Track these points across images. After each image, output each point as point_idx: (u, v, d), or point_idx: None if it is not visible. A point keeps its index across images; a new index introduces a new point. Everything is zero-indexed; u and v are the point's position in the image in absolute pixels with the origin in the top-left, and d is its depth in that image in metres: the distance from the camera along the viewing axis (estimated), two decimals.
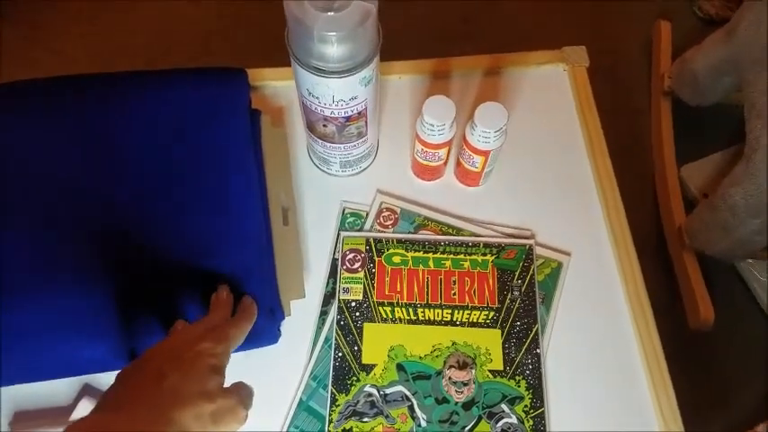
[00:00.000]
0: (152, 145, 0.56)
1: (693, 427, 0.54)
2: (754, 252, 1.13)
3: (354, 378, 0.56)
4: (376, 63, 0.52)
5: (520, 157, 0.66)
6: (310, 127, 0.59)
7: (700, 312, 1.12)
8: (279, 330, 0.56)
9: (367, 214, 0.64)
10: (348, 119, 0.55)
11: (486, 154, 0.58)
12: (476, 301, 0.59)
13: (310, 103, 0.54)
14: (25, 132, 0.56)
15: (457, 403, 0.55)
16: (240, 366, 0.55)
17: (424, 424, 0.54)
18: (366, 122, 0.57)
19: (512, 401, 0.55)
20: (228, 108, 0.58)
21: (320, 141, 0.59)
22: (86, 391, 0.55)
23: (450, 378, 0.56)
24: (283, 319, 0.56)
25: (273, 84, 0.69)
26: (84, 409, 0.52)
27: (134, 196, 0.55)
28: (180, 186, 0.55)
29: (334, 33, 0.46)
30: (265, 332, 0.54)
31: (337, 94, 0.52)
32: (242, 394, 0.43)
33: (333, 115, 0.54)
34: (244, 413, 0.42)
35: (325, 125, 0.56)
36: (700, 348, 1.16)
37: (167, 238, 0.54)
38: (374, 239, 0.62)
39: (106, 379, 0.55)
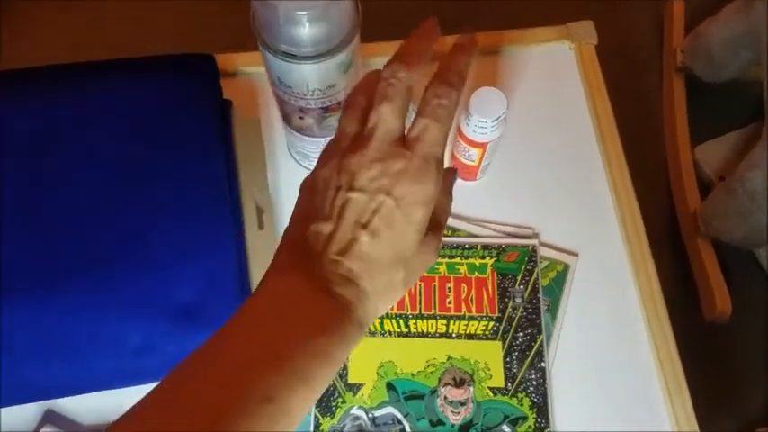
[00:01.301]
0: (106, 141, 0.50)
1: (708, 424, 0.49)
2: None
3: (340, 399, 0.50)
4: (356, 45, 0.45)
5: (522, 147, 0.60)
6: (286, 119, 0.53)
7: (716, 304, 1.05)
8: None
9: None
10: (326, 110, 0.49)
11: (482, 146, 0.52)
12: (473, 311, 0.53)
13: (283, 93, 0.47)
14: None
15: (453, 425, 0.50)
16: None
17: None
18: None
19: (514, 422, 0.50)
20: (193, 99, 0.52)
21: (298, 135, 0.53)
22: (48, 417, 0.50)
23: (445, 397, 0.51)
24: None
25: (248, 70, 0.63)
26: None
27: (86, 197, 0.49)
28: (137, 186, 0.49)
29: (305, 12, 0.40)
30: None
31: (312, 82, 0.45)
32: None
33: (309, 106, 0.48)
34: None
35: (301, 117, 0.50)
36: (716, 341, 1.10)
37: (123, 244, 0.48)
38: None
39: (69, 404, 0.50)
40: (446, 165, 0.59)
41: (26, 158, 0.51)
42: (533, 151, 0.60)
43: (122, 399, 0.51)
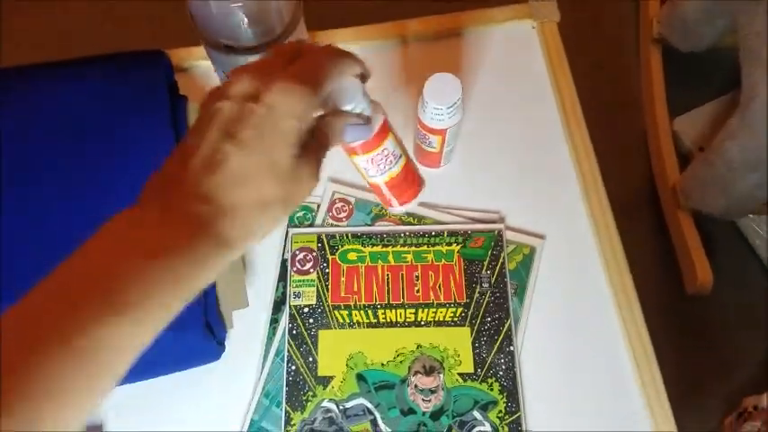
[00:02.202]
0: (52, 143, 0.50)
1: (692, 397, 0.49)
2: (754, 208, 1.07)
3: (310, 393, 0.50)
4: (301, 34, 0.45)
5: (485, 131, 0.59)
6: None
7: (697, 276, 1.06)
8: (222, 344, 0.50)
9: (318, 207, 0.57)
10: None
11: (441, 133, 0.51)
12: (441, 298, 0.53)
13: None
14: None
15: (424, 413, 0.50)
16: (184, 387, 0.50)
17: None
18: None
19: (484, 407, 0.50)
20: (144, 97, 0.51)
21: None
22: None
23: (416, 386, 0.51)
24: (225, 332, 0.51)
25: (201, 64, 0.61)
26: None
27: (33, 201, 0.48)
28: (92, 187, 0.49)
29: (238, 4, 0.39)
30: (203, 349, 0.49)
31: None
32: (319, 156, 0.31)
33: None
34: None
35: None
36: (700, 312, 1.10)
37: (74, 245, 0.48)
38: (327, 235, 0.55)
39: None
40: (409, 151, 0.58)
41: None
42: (497, 134, 0.59)
43: None
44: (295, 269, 0.54)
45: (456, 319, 0.53)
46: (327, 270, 0.54)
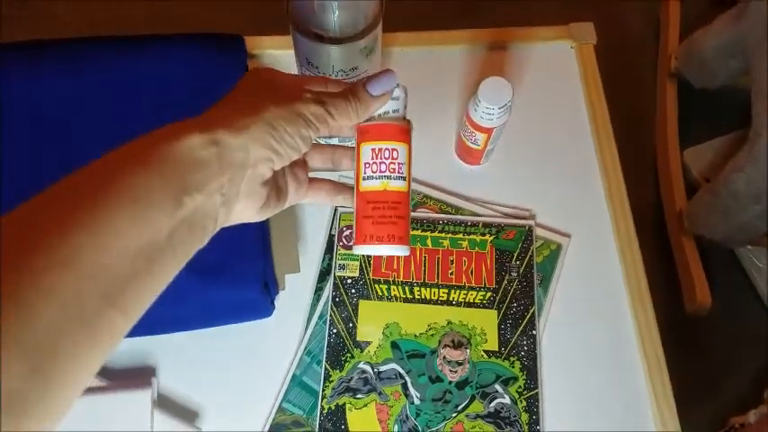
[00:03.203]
0: (131, 114, 0.55)
1: (685, 412, 0.54)
2: (755, 238, 1.13)
3: (348, 354, 0.55)
4: (378, 32, 0.50)
5: (522, 136, 0.65)
6: None
7: (696, 296, 1.12)
8: (273, 304, 0.56)
9: None
10: None
11: (488, 131, 0.57)
12: (473, 282, 0.58)
13: (310, 73, 0.52)
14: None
15: (451, 382, 0.55)
16: (234, 340, 0.55)
17: (417, 402, 0.54)
18: None
19: (506, 382, 0.55)
20: (223, 75, 0.57)
21: None
22: None
23: (444, 357, 0.56)
24: (278, 292, 0.56)
25: (272, 52, 0.67)
26: None
27: None
28: None
29: (337, 0, 0.44)
30: (259, 305, 0.54)
31: (337, 63, 0.50)
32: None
33: None
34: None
35: None
36: (696, 333, 1.16)
37: None
38: None
39: None
40: (452, 147, 0.64)
41: (54, 127, 0.55)
42: (533, 140, 0.65)
43: (151, 346, 0.55)
44: (341, 244, 0.60)
45: (485, 301, 0.58)
46: None
